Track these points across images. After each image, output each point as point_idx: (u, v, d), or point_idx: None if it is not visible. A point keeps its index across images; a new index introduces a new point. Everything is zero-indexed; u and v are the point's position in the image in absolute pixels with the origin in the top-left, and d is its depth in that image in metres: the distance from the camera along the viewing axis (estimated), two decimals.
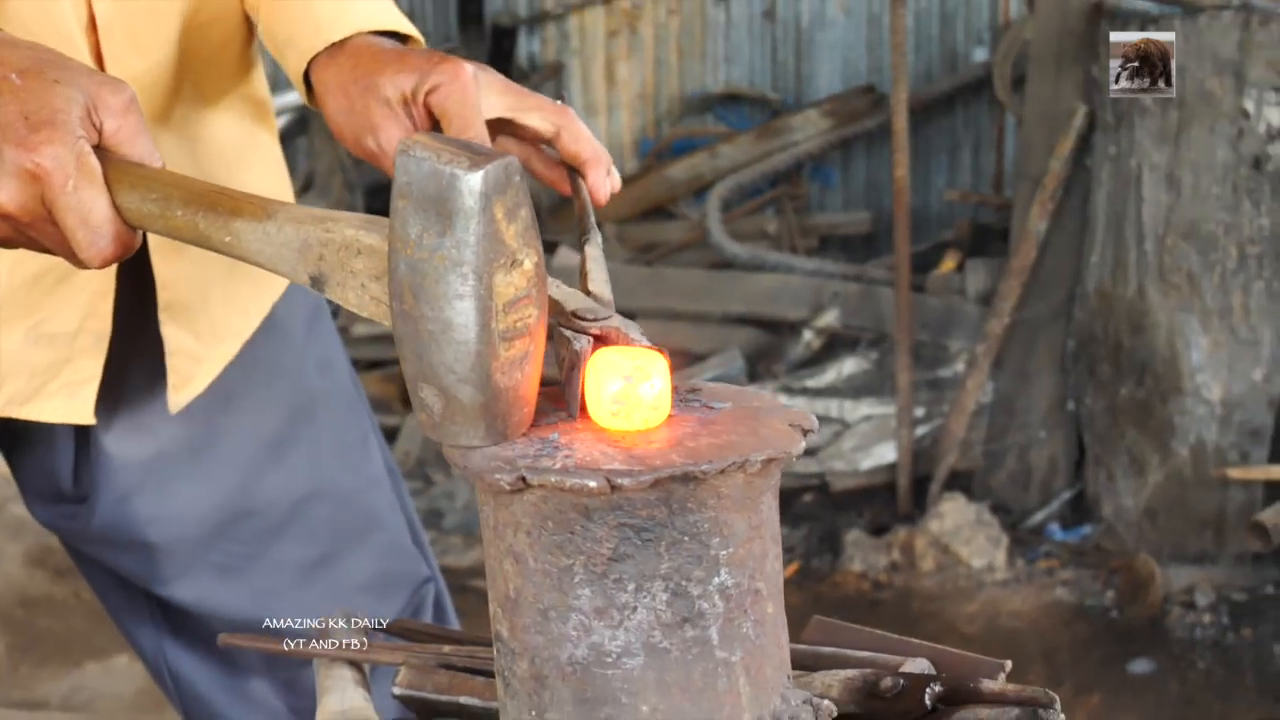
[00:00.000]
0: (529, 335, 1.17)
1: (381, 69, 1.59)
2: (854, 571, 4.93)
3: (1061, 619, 4.63)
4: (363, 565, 2.14)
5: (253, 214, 1.25)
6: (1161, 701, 4.17)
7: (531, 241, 1.15)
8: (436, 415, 1.17)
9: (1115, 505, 4.94)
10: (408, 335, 1.15)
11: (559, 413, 1.22)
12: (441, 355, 1.14)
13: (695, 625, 1.15)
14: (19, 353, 1.82)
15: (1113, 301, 4.88)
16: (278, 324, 2.03)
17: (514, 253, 1.14)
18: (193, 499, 2.02)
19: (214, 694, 2.17)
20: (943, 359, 5.42)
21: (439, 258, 1.12)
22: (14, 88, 1.29)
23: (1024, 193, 5.18)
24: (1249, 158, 4.55)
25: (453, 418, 1.16)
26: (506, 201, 1.13)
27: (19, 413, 1.86)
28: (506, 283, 1.14)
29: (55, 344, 1.84)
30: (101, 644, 4.26)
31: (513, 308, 1.15)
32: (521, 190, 1.14)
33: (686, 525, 1.13)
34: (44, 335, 1.83)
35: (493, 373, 1.14)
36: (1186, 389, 4.71)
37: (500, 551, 1.17)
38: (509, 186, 1.13)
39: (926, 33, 6.69)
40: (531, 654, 1.17)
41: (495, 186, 1.12)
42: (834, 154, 6.79)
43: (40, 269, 1.78)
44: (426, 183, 1.12)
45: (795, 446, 1.16)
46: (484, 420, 1.16)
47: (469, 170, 1.11)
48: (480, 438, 1.17)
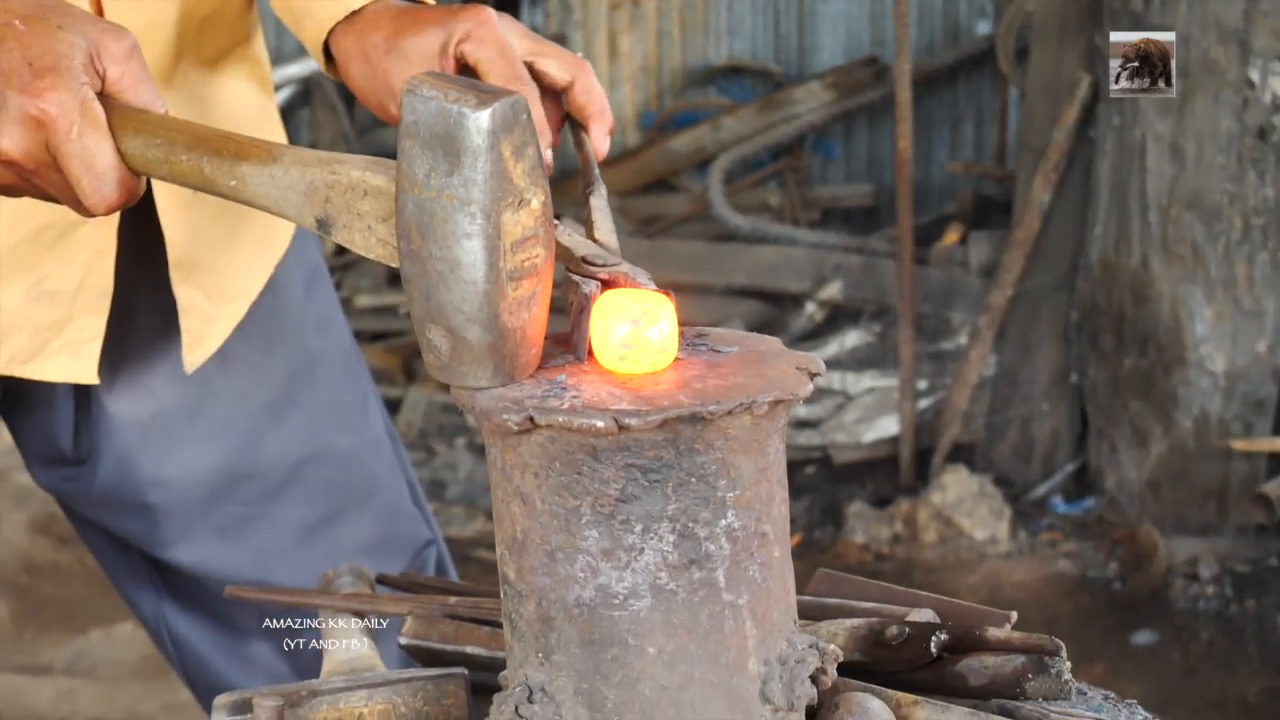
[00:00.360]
0: (536, 275, 1.16)
1: (403, 31, 1.59)
2: (856, 543, 4.93)
3: (1064, 591, 4.63)
4: (363, 527, 2.14)
5: (258, 157, 1.24)
6: (1164, 672, 4.18)
7: (538, 181, 1.15)
8: (444, 356, 1.16)
9: (1118, 477, 4.94)
10: (415, 275, 1.15)
11: (566, 356, 1.22)
12: (449, 295, 1.14)
13: (702, 567, 1.15)
14: (20, 309, 1.81)
15: (1116, 273, 4.87)
16: (277, 284, 2.03)
17: (521, 191, 1.14)
18: (193, 460, 2.01)
19: (214, 656, 2.17)
20: (945, 331, 5.41)
21: (446, 196, 1.12)
22: (18, 33, 1.29)
23: (1027, 164, 5.18)
24: (1254, 128, 4.54)
25: (460, 358, 1.16)
26: (514, 140, 1.12)
27: (21, 371, 1.85)
28: (514, 221, 1.13)
29: (57, 301, 1.82)
30: (105, 610, 4.27)
31: (520, 247, 1.14)
32: (529, 129, 1.14)
33: (693, 466, 1.13)
34: (45, 292, 1.81)
35: (500, 312, 1.14)
36: (1190, 360, 4.70)
37: (508, 494, 1.17)
38: (516, 125, 1.13)
39: (930, 5, 6.67)
40: (538, 596, 1.17)
41: (503, 124, 1.11)
42: (836, 127, 6.77)
43: (41, 224, 1.77)
44: (434, 121, 1.11)
45: (802, 389, 1.16)
46: (492, 360, 1.16)
47: (476, 108, 1.10)
48: (488, 378, 1.16)
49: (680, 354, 1.20)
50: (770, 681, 1.19)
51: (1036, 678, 1.30)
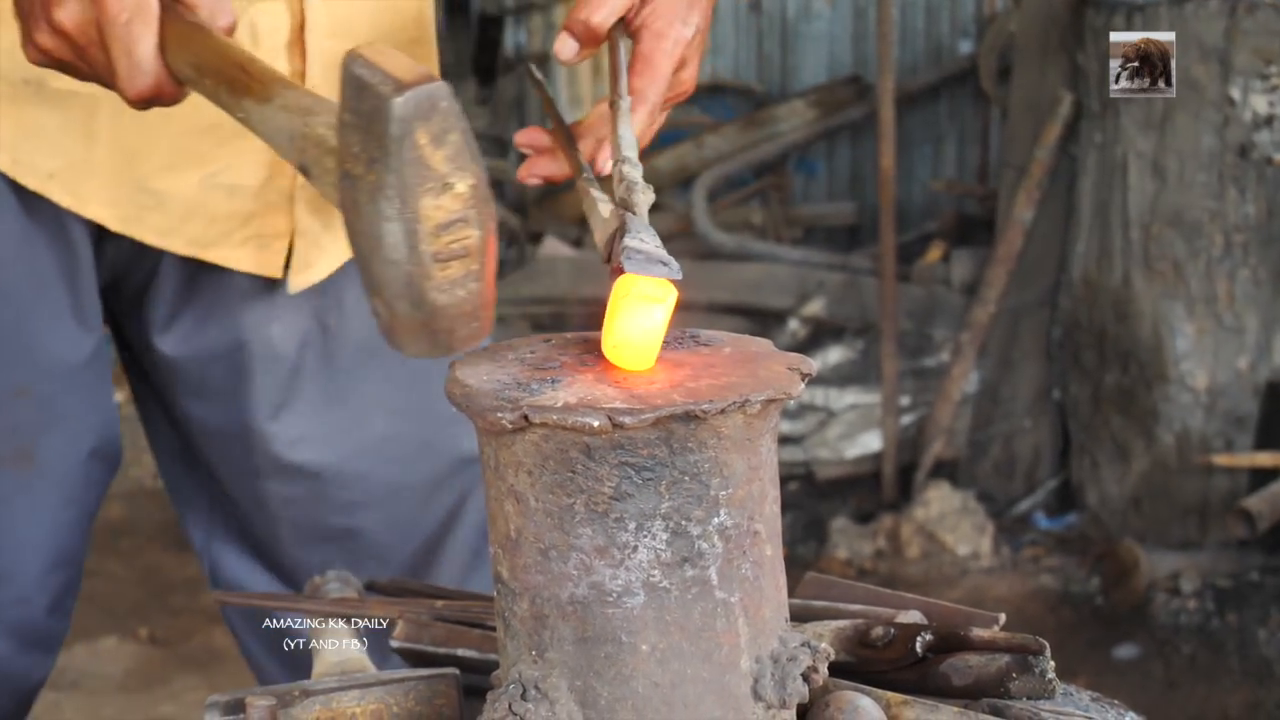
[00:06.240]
0: (469, 255, 1.17)
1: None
2: (839, 558, 4.94)
3: (1046, 605, 4.65)
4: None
5: (258, 95, 1.28)
6: (1146, 686, 4.19)
7: (465, 165, 1.15)
8: (384, 323, 1.19)
9: (1100, 493, 4.96)
10: (354, 246, 1.17)
11: (566, 355, 1.24)
12: (380, 270, 1.15)
13: (695, 565, 1.16)
14: (195, 197, 1.86)
15: (1098, 290, 4.90)
16: None
17: (444, 177, 1.14)
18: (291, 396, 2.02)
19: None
20: (928, 348, 5.43)
21: (371, 176, 1.13)
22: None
23: (1009, 182, 5.20)
24: (1235, 145, 4.57)
25: (397, 329, 1.18)
26: (432, 128, 1.13)
27: (205, 255, 1.90)
28: (435, 206, 1.14)
29: (236, 195, 1.87)
30: (88, 625, 4.26)
31: (446, 230, 1.15)
32: (450, 115, 1.14)
33: (687, 465, 1.14)
34: (222, 185, 1.86)
35: (427, 291, 1.15)
36: (1171, 376, 4.73)
37: (501, 492, 1.18)
38: (434, 112, 1.13)
39: (912, 25, 6.70)
40: (532, 594, 1.18)
41: (418, 112, 1.12)
42: (819, 145, 6.80)
43: (210, 122, 1.79)
44: (359, 101, 1.14)
45: (794, 388, 1.17)
46: (425, 334, 1.17)
47: (390, 96, 1.12)
48: (425, 350, 1.18)
49: (674, 353, 1.22)
50: (762, 679, 1.20)
51: (1020, 677, 1.32)
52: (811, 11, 6.93)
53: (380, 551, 2.10)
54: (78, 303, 1.90)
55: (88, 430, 1.96)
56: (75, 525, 1.99)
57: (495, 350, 1.26)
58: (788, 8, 6.94)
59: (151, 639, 4.48)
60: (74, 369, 1.91)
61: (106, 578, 4.64)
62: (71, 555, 2.00)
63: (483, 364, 1.22)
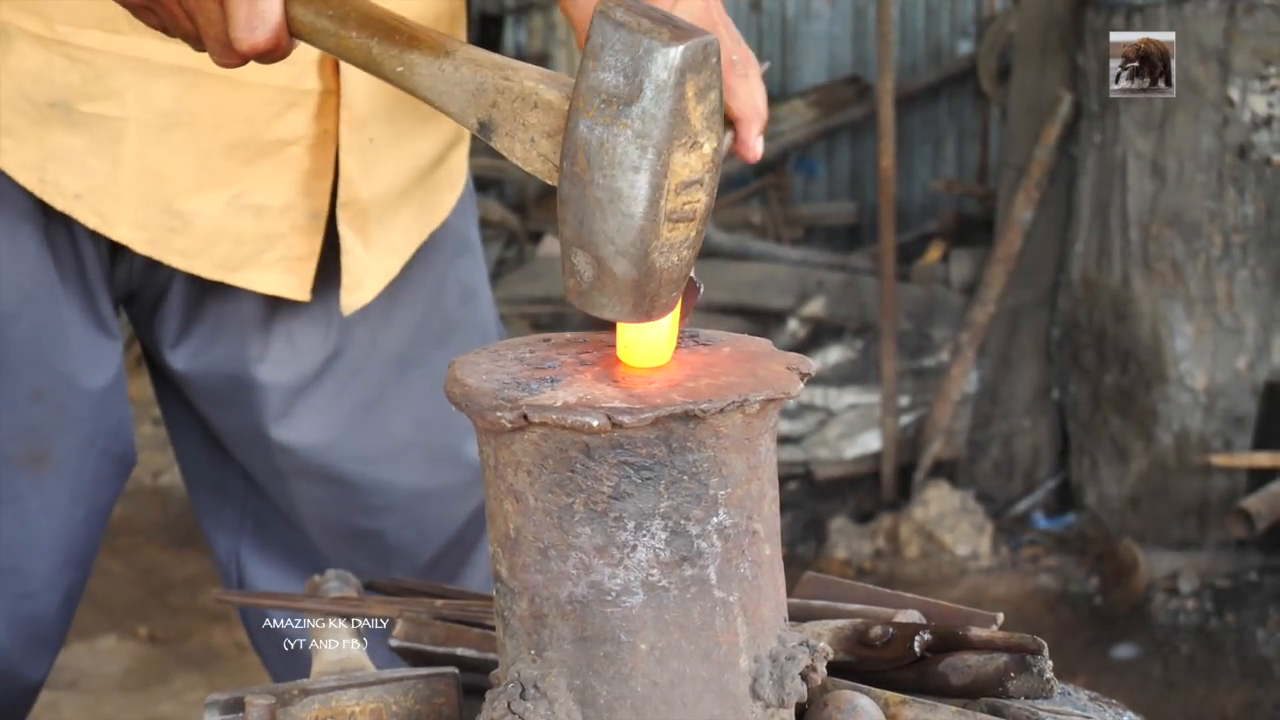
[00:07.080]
0: (694, 220, 1.16)
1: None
2: (839, 558, 4.95)
3: (1045, 605, 4.65)
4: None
5: (431, 48, 1.23)
6: (1145, 685, 4.20)
7: (715, 126, 1.14)
8: (585, 283, 1.16)
9: (1099, 493, 4.96)
10: (572, 199, 1.13)
11: (565, 355, 1.24)
12: (604, 224, 1.12)
13: (694, 564, 1.16)
14: (221, 218, 1.83)
15: (1097, 290, 4.90)
16: (426, 246, 2.03)
17: (697, 134, 1.13)
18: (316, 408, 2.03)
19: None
20: (927, 348, 5.43)
21: (621, 125, 1.10)
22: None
23: (1009, 182, 5.20)
24: (1234, 146, 4.57)
25: (602, 288, 1.15)
26: (700, 81, 1.11)
27: (231, 279, 1.88)
28: (683, 163, 1.13)
29: (263, 216, 1.85)
30: (87, 624, 4.26)
31: (685, 189, 1.13)
32: (716, 72, 1.13)
33: (686, 464, 1.14)
34: (248, 206, 1.84)
35: (650, 251, 1.13)
36: (1170, 377, 4.73)
37: (500, 491, 1.18)
38: (705, 66, 1.11)
39: (912, 25, 6.71)
40: (531, 593, 1.18)
41: (692, 64, 1.10)
42: (819, 145, 6.81)
43: (235, 140, 1.79)
44: (621, 49, 1.10)
45: (794, 388, 1.17)
46: (633, 297, 1.15)
47: (668, 44, 1.09)
48: (625, 314, 1.16)
49: (673, 353, 1.22)
50: (761, 678, 1.20)
51: (1019, 676, 1.32)
52: (811, 11, 6.93)
53: (406, 553, 2.11)
54: (95, 311, 1.90)
55: (102, 433, 1.96)
56: (88, 525, 1.99)
57: (495, 350, 1.26)
58: (788, 7, 6.94)
59: (150, 638, 4.49)
60: (90, 375, 1.91)
61: (106, 576, 4.64)
62: (83, 555, 2.00)
63: (482, 363, 1.22)
